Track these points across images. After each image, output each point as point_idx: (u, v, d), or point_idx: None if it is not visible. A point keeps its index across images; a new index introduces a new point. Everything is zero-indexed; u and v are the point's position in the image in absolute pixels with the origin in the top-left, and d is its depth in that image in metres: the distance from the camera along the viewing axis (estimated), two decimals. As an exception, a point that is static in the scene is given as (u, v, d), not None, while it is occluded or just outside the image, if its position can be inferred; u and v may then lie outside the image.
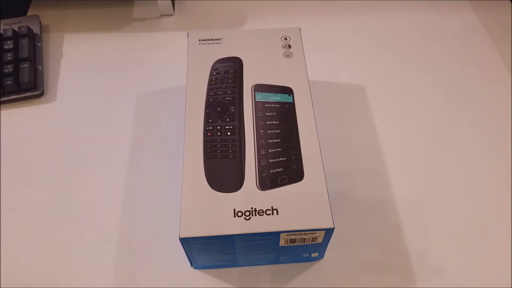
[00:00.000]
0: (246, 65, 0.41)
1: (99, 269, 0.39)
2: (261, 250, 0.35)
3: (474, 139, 0.47)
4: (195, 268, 0.39)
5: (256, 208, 0.33)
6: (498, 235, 0.41)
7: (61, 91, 0.51)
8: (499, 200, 0.43)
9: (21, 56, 0.51)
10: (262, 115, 0.37)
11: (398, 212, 0.42)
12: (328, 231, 0.33)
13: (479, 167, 0.45)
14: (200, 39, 0.43)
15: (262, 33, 0.44)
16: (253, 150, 0.35)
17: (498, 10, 0.59)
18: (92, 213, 0.42)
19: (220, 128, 0.37)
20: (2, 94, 0.49)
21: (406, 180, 0.44)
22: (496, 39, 0.56)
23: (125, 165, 0.45)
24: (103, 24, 0.58)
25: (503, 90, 0.51)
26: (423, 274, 0.39)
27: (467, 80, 0.52)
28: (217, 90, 0.39)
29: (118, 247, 0.40)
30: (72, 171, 0.45)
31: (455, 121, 0.49)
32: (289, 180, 0.34)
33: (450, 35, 0.57)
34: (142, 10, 0.59)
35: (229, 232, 0.32)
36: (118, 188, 0.44)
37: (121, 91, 0.51)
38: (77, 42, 0.56)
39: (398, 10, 0.60)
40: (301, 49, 0.42)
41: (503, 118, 0.49)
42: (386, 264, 0.40)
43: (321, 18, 0.59)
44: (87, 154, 0.46)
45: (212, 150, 0.36)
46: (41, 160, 0.46)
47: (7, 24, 0.55)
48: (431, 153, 0.46)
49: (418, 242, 0.41)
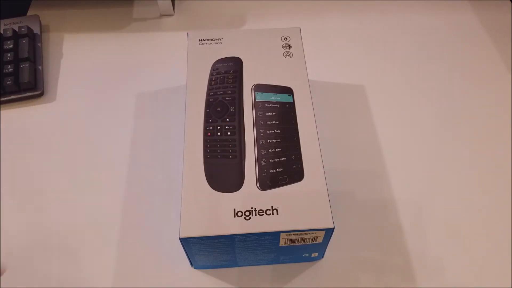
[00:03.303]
0: (246, 65, 0.41)
1: (99, 269, 0.39)
2: (261, 250, 0.35)
3: (474, 139, 0.47)
4: (195, 268, 0.39)
5: (256, 208, 0.33)
6: (498, 235, 0.41)
7: (61, 91, 0.51)
8: (499, 200, 0.43)
9: (21, 56, 0.51)
10: (262, 115, 0.37)
11: (398, 212, 0.42)
12: (328, 231, 0.33)
13: (479, 167, 0.45)
14: (200, 39, 0.43)
15: (262, 33, 0.44)
16: (253, 150, 0.35)
17: (498, 10, 0.59)
18: (92, 213, 0.42)
19: (220, 128, 0.37)
20: (2, 94, 0.49)
21: (406, 180, 0.44)
22: (496, 39, 0.56)
23: (125, 165, 0.45)
24: (103, 24, 0.58)
25: (503, 90, 0.51)
26: (423, 274, 0.39)
27: (467, 80, 0.52)
28: (217, 90, 0.39)
29: (118, 247, 0.40)
30: (72, 171, 0.45)
31: (455, 121, 0.49)
32: (289, 180, 0.34)
33: (450, 35, 0.57)
34: (142, 10, 0.59)
35: (229, 232, 0.32)
36: (118, 188, 0.44)
37: (121, 91, 0.51)
38: (77, 42, 0.56)
39: (398, 10, 0.60)
40: (301, 49, 0.42)
41: (503, 118, 0.49)
42: (386, 264, 0.40)
43: (321, 18, 0.59)
44: (87, 154, 0.46)
45: (212, 150, 0.36)
46: (41, 160, 0.46)
47: (7, 24, 0.55)
48: (431, 153, 0.46)
49: (418, 242, 0.41)
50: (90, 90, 0.51)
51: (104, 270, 0.39)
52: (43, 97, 0.51)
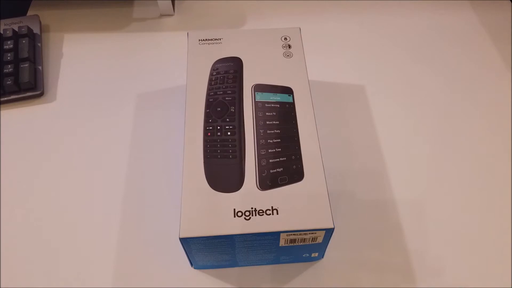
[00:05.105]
0: (246, 65, 0.41)
1: (99, 269, 0.39)
2: (261, 250, 0.35)
3: (474, 139, 0.47)
4: (195, 268, 0.39)
5: (256, 208, 0.33)
6: (498, 235, 0.41)
7: (61, 91, 0.51)
8: (499, 200, 0.43)
9: (21, 56, 0.51)
10: (262, 115, 0.37)
11: (398, 212, 0.42)
12: (328, 231, 0.33)
13: (479, 167, 0.45)
14: (200, 39, 0.43)
15: (262, 33, 0.44)
16: (253, 150, 0.35)
17: (498, 10, 0.59)
18: (92, 213, 0.42)
19: (220, 128, 0.37)
20: (2, 94, 0.49)
21: (406, 180, 0.44)
22: (496, 39, 0.56)
23: (125, 165, 0.45)
24: (103, 24, 0.58)
25: (503, 90, 0.51)
26: (423, 274, 0.39)
27: (467, 80, 0.52)
28: (217, 90, 0.39)
29: (118, 247, 0.40)
30: (72, 171, 0.45)
31: (455, 121, 0.49)
32: (289, 180, 0.34)
33: (450, 35, 0.57)
34: (142, 10, 0.59)
35: (229, 232, 0.32)
36: (118, 188, 0.44)
37: (121, 91, 0.51)
38: (77, 42, 0.56)
39: (398, 10, 0.60)
40: (301, 49, 0.42)
41: (503, 118, 0.49)
42: (386, 264, 0.40)
43: (321, 18, 0.59)
44: (87, 154, 0.46)
45: (212, 150, 0.36)
46: (41, 160, 0.46)
47: (7, 24, 0.55)
48: (431, 153, 0.46)
49: (418, 242, 0.41)
50: (90, 90, 0.51)
51: (104, 270, 0.39)
52: (43, 97, 0.51)
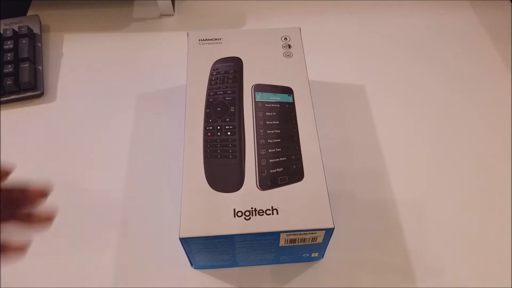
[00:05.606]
0: (246, 65, 0.41)
1: (99, 269, 0.39)
2: (261, 250, 0.35)
3: (474, 139, 0.47)
4: (195, 268, 0.39)
5: (256, 208, 0.33)
6: (498, 235, 0.41)
7: (61, 91, 0.51)
8: (499, 200, 0.43)
9: (21, 56, 0.51)
10: (262, 115, 0.37)
11: (398, 212, 0.42)
12: (328, 231, 0.33)
13: (479, 167, 0.45)
14: (200, 39, 0.43)
15: (262, 33, 0.44)
16: (253, 150, 0.35)
17: (498, 10, 0.59)
18: (92, 213, 0.42)
19: (220, 128, 0.37)
20: (2, 94, 0.49)
21: (406, 180, 0.44)
22: (496, 39, 0.56)
23: (125, 165, 0.45)
24: (103, 24, 0.58)
25: (503, 90, 0.51)
26: (423, 274, 0.39)
27: (467, 80, 0.52)
28: (217, 90, 0.39)
29: (118, 247, 0.40)
30: (72, 171, 0.45)
31: (455, 121, 0.49)
32: (289, 180, 0.34)
33: (450, 35, 0.57)
34: (142, 10, 0.59)
35: (229, 232, 0.32)
36: (118, 188, 0.44)
37: (121, 91, 0.51)
38: (77, 42, 0.56)
39: (398, 10, 0.60)
40: (301, 49, 0.42)
41: (503, 118, 0.49)
42: (386, 264, 0.39)
43: (321, 18, 0.59)
44: (87, 154, 0.46)
45: (212, 150, 0.36)
46: (41, 160, 0.46)
47: (7, 24, 0.55)
48: (431, 153, 0.46)
49: (418, 242, 0.41)
50: (90, 90, 0.51)
51: (104, 270, 0.39)
52: (43, 97, 0.51)
